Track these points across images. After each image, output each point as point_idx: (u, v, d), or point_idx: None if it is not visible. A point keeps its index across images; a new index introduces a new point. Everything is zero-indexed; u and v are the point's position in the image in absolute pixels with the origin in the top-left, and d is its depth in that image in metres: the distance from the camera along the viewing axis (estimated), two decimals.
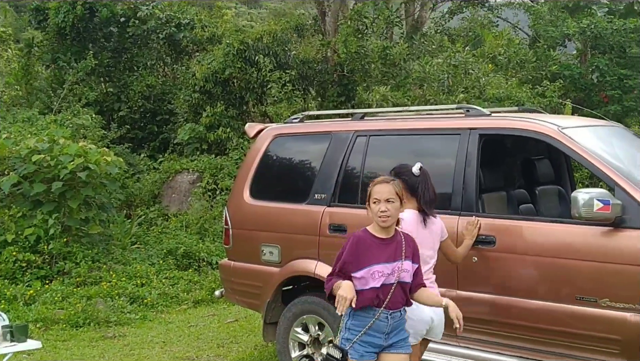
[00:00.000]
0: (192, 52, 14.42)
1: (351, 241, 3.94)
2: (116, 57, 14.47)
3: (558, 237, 4.63)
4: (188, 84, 12.84)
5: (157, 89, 14.15)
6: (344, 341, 3.92)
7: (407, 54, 11.93)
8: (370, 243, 3.93)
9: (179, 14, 14.27)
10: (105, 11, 13.84)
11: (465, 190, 5.00)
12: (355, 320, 3.91)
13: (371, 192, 3.97)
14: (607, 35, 15.32)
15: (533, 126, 4.97)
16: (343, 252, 3.93)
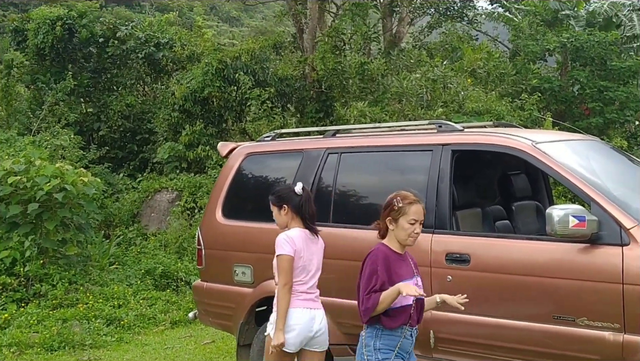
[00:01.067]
0: (171, 71, 14.38)
1: (381, 257, 3.80)
2: (96, 77, 14.43)
3: (534, 255, 4.55)
4: (167, 103, 12.78)
5: (137, 109, 14.11)
6: None
7: (385, 69, 11.92)
8: (395, 259, 3.85)
9: (158, 34, 14.22)
10: (84, 32, 13.80)
11: (438, 207, 4.92)
12: (385, 340, 3.78)
13: (407, 211, 3.88)
14: (587, 47, 15.40)
15: (507, 142, 4.90)
16: (375, 269, 3.75)
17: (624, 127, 16.14)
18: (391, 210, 3.81)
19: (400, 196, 3.84)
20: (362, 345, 3.81)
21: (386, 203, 3.88)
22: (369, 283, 3.73)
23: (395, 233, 3.81)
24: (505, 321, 4.57)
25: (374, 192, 5.45)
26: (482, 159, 5.77)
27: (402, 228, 3.80)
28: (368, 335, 3.76)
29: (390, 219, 3.80)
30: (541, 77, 15.40)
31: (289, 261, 4.51)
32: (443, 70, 11.93)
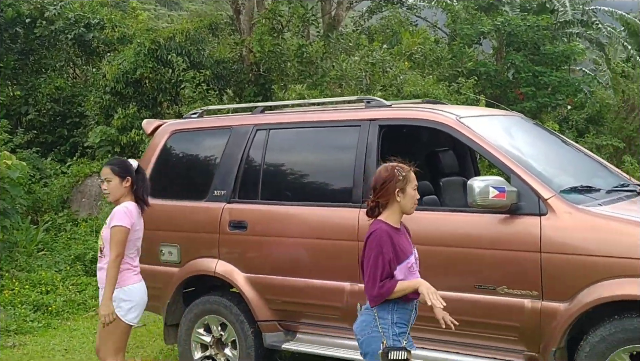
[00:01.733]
0: (103, 53, 13.97)
1: (385, 236, 3.62)
2: (23, 59, 13.92)
3: (456, 226, 4.61)
4: (98, 86, 12.43)
5: (67, 92, 13.66)
6: (397, 338, 3.65)
7: (324, 52, 11.87)
8: (396, 234, 3.70)
9: (89, 14, 13.81)
10: (10, 11, 13.28)
11: (366, 182, 4.93)
12: (399, 313, 3.67)
13: (410, 178, 3.72)
14: (520, 32, 15.63)
15: (432, 116, 4.95)
16: (381, 251, 3.59)
17: (557, 111, 16.48)
18: (397, 181, 3.65)
19: (396, 166, 3.73)
20: (374, 318, 3.65)
21: (386, 177, 3.66)
22: (378, 266, 3.57)
23: (402, 203, 3.67)
24: None
25: (303, 168, 5.46)
26: (410, 135, 5.81)
27: (409, 196, 3.69)
28: (382, 308, 3.63)
29: (399, 190, 3.66)
30: (477, 61, 15.59)
31: (125, 233, 4.50)
32: (382, 54, 11.95)
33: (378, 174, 3.73)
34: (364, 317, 3.73)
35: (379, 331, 3.62)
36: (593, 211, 4.23)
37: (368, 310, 3.70)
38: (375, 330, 3.63)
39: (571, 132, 16.11)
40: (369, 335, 3.66)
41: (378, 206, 3.71)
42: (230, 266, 5.35)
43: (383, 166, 3.77)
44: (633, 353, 3.98)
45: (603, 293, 4.00)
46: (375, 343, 3.62)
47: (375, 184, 3.72)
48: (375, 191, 3.71)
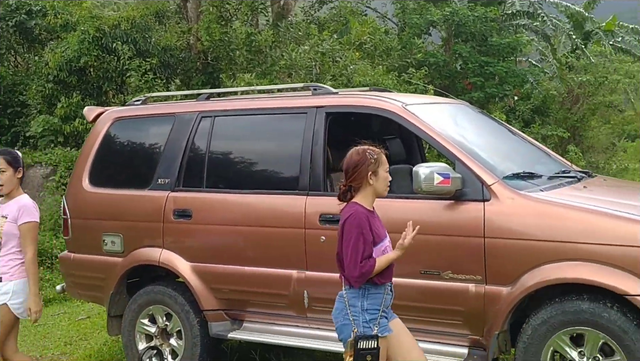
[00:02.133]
0: (45, 41, 13.60)
1: (363, 218, 3.63)
2: None
3: (403, 213, 4.61)
4: (41, 74, 12.10)
5: (8, 80, 13.26)
6: (368, 324, 3.63)
7: (273, 41, 11.78)
8: (370, 217, 3.70)
9: (31, 1, 13.41)
10: None
11: (312, 169, 4.93)
12: (371, 299, 3.66)
13: (382, 160, 3.76)
14: (469, 23, 15.80)
15: (377, 103, 4.96)
16: (361, 232, 3.60)
17: (504, 102, 16.73)
18: (369, 164, 3.67)
19: (368, 149, 3.75)
20: (345, 305, 3.66)
21: (357, 160, 3.69)
22: (359, 247, 3.58)
23: (376, 185, 3.70)
24: None
25: (249, 156, 5.41)
26: (358, 123, 5.81)
27: (382, 178, 3.72)
28: (352, 295, 3.64)
29: (371, 173, 3.68)
30: (426, 52, 15.71)
31: (37, 228, 4.58)
32: (331, 43, 11.92)
33: (349, 158, 3.73)
34: (337, 304, 3.73)
35: (349, 319, 3.63)
36: (534, 197, 4.29)
37: (341, 296, 3.71)
38: (347, 317, 3.64)
39: (518, 123, 16.38)
40: (341, 322, 3.68)
41: (350, 190, 3.72)
42: (175, 255, 5.27)
43: (354, 150, 3.77)
44: (573, 334, 4.06)
45: (544, 276, 4.06)
46: (346, 331, 3.64)
47: (347, 167, 3.71)
48: (347, 174, 3.71)
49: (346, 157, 3.76)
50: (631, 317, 3.89)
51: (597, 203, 4.27)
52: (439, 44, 17.90)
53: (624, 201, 4.47)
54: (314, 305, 4.85)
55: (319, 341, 4.85)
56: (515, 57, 18.22)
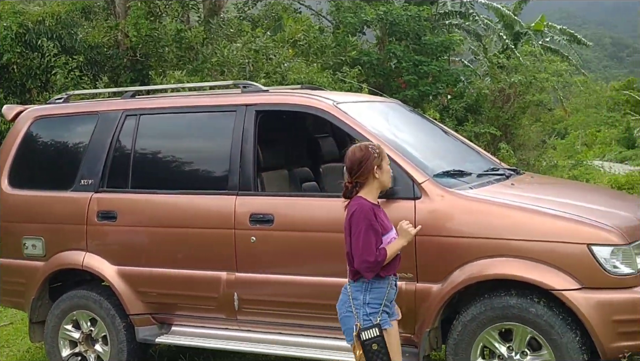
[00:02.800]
0: None
1: (369, 210, 3.69)
2: None
3: (335, 212, 4.55)
4: None
5: None
6: (368, 317, 3.67)
7: (204, 38, 11.60)
8: (376, 210, 3.76)
9: None
10: None
11: (242, 168, 4.86)
12: (374, 293, 3.71)
13: (384, 154, 3.83)
14: (403, 22, 15.95)
15: (308, 101, 4.92)
16: (371, 223, 3.65)
17: (437, 100, 16.98)
18: (374, 159, 3.73)
19: (369, 145, 3.82)
20: (348, 298, 3.72)
21: (361, 156, 3.73)
22: (371, 237, 3.64)
23: (382, 179, 3.78)
24: (310, 278, 4.61)
25: (177, 155, 5.29)
26: (290, 122, 5.75)
27: (386, 170, 3.80)
28: (356, 288, 3.69)
29: (376, 167, 3.74)
30: (360, 51, 15.78)
31: None
32: (265, 41, 11.81)
33: (352, 155, 3.76)
34: (341, 296, 3.80)
35: (352, 312, 3.68)
36: (463, 194, 4.32)
37: (345, 289, 3.77)
38: (349, 309, 3.70)
39: (451, 121, 16.64)
40: (344, 314, 3.75)
41: (356, 186, 3.76)
42: (99, 258, 5.12)
43: (355, 147, 3.81)
44: (502, 330, 4.11)
45: (473, 273, 4.10)
46: (348, 323, 3.72)
47: (351, 165, 3.75)
48: (352, 171, 3.75)
49: (348, 155, 3.80)
50: (557, 312, 3.96)
51: (523, 200, 4.33)
52: (373, 42, 18.01)
53: (550, 198, 4.55)
54: (245, 307, 4.79)
55: (249, 343, 4.80)
56: (448, 57, 18.53)
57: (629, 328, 3.90)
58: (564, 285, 3.91)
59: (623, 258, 3.94)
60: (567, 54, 23.46)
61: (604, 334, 3.87)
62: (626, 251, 3.95)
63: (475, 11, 19.34)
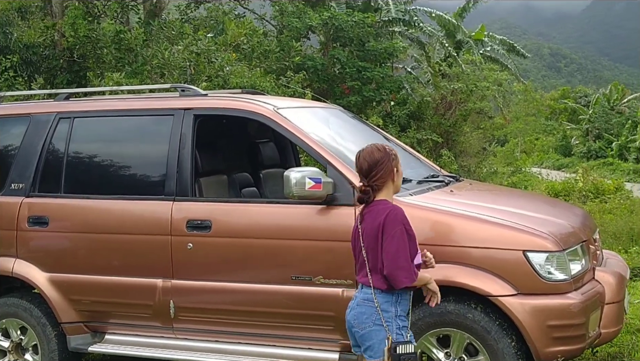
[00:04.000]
0: None
1: (400, 212, 3.40)
2: None
3: (274, 218, 4.58)
4: None
5: None
6: (400, 331, 3.42)
7: (144, 39, 11.38)
8: None
9: None
10: None
11: (180, 173, 4.79)
12: (402, 305, 3.46)
13: (398, 157, 3.56)
14: (346, 28, 16.01)
15: (248, 106, 4.86)
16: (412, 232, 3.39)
17: (381, 106, 17.10)
18: (392, 160, 3.48)
19: (385, 146, 3.55)
20: (376, 310, 3.39)
21: (380, 157, 3.47)
22: (404, 242, 3.34)
23: (397, 182, 3.55)
24: (247, 286, 4.58)
25: (112, 159, 5.20)
26: (229, 126, 5.69)
27: (401, 174, 3.58)
28: (385, 299, 3.39)
29: (395, 169, 3.50)
30: (304, 56, 15.76)
31: None
32: (207, 44, 11.66)
33: (370, 156, 3.48)
34: (363, 308, 3.45)
35: (382, 325, 3.39)
36: (403, 201, 4.31)
37: (369, 300, 3.43)
38: (378, 323, 3.40)
39: (394, 127, 16.79)
40: (370, 328, 3.42)
41: (373, 190, 3.47)
42: (29, 265, 4.96)
43: (372, 147, 3.55)
44: (440, 336, 4.13)
45: None
46: (376, 337, 3.40)
47: (369, 166, 3.47)
48: (370, 173, 3.46)
49: (364, 156, 3.51)
50: (494, 317, 4.00)
51: (462, 206, 4.37)
52: (317, 47, 18.03)
53: (487, 205, 4.61)
54: (181, 315, 4.72)
55: (185, 352, 4.73)
56: (392, 63, 18.68)
57: (563, 333, 3.97)
58: (500, 291, 3.95)
59: (557, 264, 4.02)
60: (507, 64, 23.94)
61: (539, 339, 3.93)
62: (560, 257, 4.02)
63: (418, 19, 19.56)
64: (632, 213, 10.64)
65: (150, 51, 11.08)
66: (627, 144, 30.27)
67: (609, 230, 9.23)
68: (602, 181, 15.82)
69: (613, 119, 34.47)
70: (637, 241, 8.67)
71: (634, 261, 7.57)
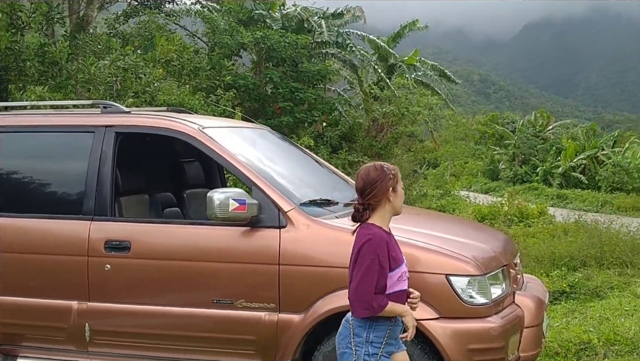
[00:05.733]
0: None
1: (382, 242, 3.33)
2: None
3: (196, 240, 4.48)
4: None
5: None
6: (369, 358, 3.34)
7: (70, 53, 11.08)
8: (390, 240, 3.40)
9: None
10: None
11: (99, 192, 4.67)
12: (378, 331, 3.36)
13: (399, 177, 3.49)
14: (280, 48, 16.05)
15: (172, 125, 4.77)
16: (377, 259, 3.29)
17: (312, 127, 17.18)
18: (389, 180, 3.41)
19: (384, 165, 3.46)
20: (350, 333, 3.35)
21: (376, 177, 3.39)
22: (372, 275, 3.28)
23: (395, 203, 3.45)
24: (167, 309, 4.46)
25: (30, 176, 5.02)
26: (153, 145, 5.55)
27: (400, 195, 3.48)
28: (359, 323, 3.35)
29: (392, 189, 3.42)
30: (236, 74, 15.69)
31: None
32: (134, 59, 11.44)
33: (366, 175, 3.43)
34: (342, 329, 3.46)
35: (351, 348, 3.36)
36: (329, 224, 4.30)
37: (347, 322, 3.43)
38: (349, 345, 3.38)
39: (326, 148, 16.88)
40: (342, 350, 3.42)
41: (367, 209, 3.42)
42: None
43: (370, 166, 3.50)
44: None
45: (335, 303, 4.06)
46: (346, 360, 3.39)
47: (364, 185, 3.42)
48: (364, 192, 3.41)
49: (361, 175, 3.47)
50: (416, 341, 3.97)
51: None
52: (249, 66, 17.99)
53: (412, 228, 4.60)
54: (97, 339, 4.57)
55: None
56: (324, 85, 18.81)
57: (483, 356, 4.00)
58: (422, 315, 3.95)
59: (479, 288, 4.05)
60: (438, 89, 24.48)
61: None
62: (481, 281, 4.06)
63: (352, 42, 19.78)
64: (554, 238, 10.92)
65: (76, 65, 10.79)
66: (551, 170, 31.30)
67: (532, 254, 9.44)
68: (527, 205, 16.25)
69: (538, 145, 35.64)
70: (558, 265, 8.89)
71: (555, 285, 7.74)
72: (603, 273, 8.34)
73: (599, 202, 23.66)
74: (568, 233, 11.05)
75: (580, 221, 11.97)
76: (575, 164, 29.15)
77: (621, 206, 21.46)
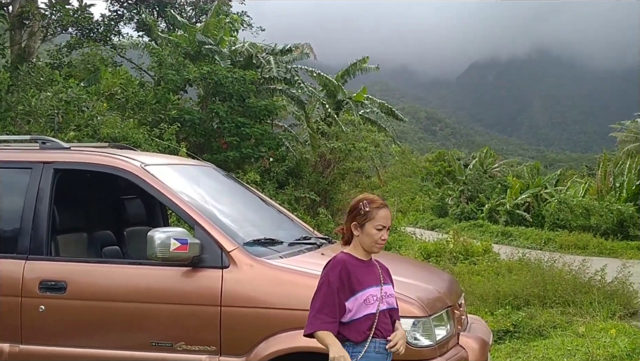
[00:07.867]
0: None
1: (337, 265, 3.37)
2: None
3: (135, 280, 4.36)
4: None
5: None
6: None
7: (10, 84, 10.81)
8: (358, 266, 3.42)
9: None
10: None
11: (35, 230, 4.53)
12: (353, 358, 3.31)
13: (375, 216, 3.42)
14: (227, 83, 15.99)
15: (114, 162, 4.67)
16: (327, 281, 3.34)
17: (259, 163, 17.08)
18: (357, 215, 3.43)
19: (367, 199, 3.44)
20: None
21: (351, 207, 3.48)
22: (319, 296, 3.37)
23: (360, 239, 3.44)
24: (103, 352, 4.30)
25: None
26: (93, 182, 5.43)
27: (368, 234, 3.43)
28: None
29: (356, 224, 3.43)
30: (181, 109, 15.54)
31: None
32: (77, 92, 11.25)
33: (352, 201, 3.55)
34: None
35: None
36: (273, 264, 4.24)
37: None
38: None
39: (272, 184, 16.78)
40: None
41: (343, 235, 3.54)
42: None
43: (360, 195, 3.58)
44: None
45: (278, 345, 3.99)
46: None
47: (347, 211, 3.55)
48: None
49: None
50: None
51: None
52: (196, 100, 17.87)
53: None
54: None
55: None
56: (271, 121, 18.79)
57: None
58: None
59: (423, 330, 4.02)
60: (385, 126, 24.72)
61: None
62: (426, 323, 4.03)
63: (300, 78, 19.86)
64: (498, 275, 11.01)
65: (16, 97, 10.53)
66: (496, 207, 31.81)
67: (477, 292, 9.49)
68: (472, 242, 16.40)
69: (485, 182, 36.28)
70: (502, 303, 8.94)
71: (499, 324, 7.78)
72: (546, 311, 8.41)
73: (542, 239, 24.05)
74: (512, 271, 11.16)
75: (524, 259, 12.13)
76: (520, 202, 29.70)
77: (564, 244, 21.86)
